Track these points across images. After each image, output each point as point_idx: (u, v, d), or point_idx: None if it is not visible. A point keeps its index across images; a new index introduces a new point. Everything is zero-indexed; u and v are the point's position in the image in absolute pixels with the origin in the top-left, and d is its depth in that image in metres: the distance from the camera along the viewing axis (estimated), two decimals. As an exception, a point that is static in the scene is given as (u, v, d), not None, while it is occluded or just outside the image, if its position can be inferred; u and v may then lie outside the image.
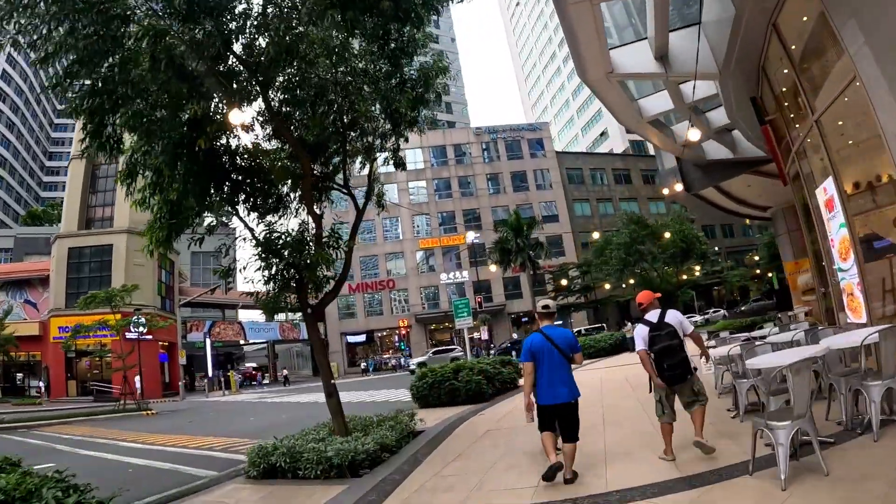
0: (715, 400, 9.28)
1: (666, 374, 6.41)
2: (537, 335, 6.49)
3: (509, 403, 13.66)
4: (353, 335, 60.96)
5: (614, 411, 10.55)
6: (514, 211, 45.44)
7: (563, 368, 6.32)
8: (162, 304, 47.61)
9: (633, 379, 14.06)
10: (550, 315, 6.72)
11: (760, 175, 19.65)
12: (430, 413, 13.52)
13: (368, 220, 61.88)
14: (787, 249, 26.44)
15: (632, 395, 12.19)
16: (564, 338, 6.50)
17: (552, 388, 6.25)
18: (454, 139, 67.09)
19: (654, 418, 6.94)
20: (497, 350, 39.29)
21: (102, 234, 46.36)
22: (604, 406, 11.26)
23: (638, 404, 10.65)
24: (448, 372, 14.77)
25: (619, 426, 9.15)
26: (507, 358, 18.24)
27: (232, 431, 17.03)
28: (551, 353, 6.31)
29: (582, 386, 6.84)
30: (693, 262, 38.88)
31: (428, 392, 14.80)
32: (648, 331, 6.55)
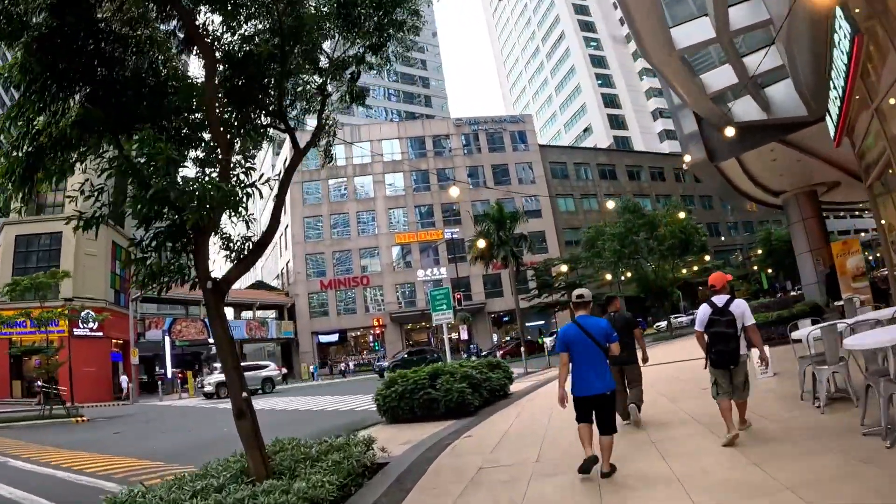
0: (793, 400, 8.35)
1: (713, 357, 6.64)
2: (572, 325, 6.24)
3: (502, 420, 10.67)
4: (326, 335, 57.49)
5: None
6: (497, 202, 42.47)
7: (598, 360, 6.11)
8: (115, 299, 43.62)
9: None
10: (585, 304, 6.43)
11: (790, 147, 17.06)
12: (400, 432, 10.44)
13: (342, 212, 58.89)
14: (801, 238, 24.54)
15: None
16: (599, 328, 6.17)
17: (586, 379, 6.08)
18: (433, 130, 64.10)
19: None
20: (393, 362, 36.61)
21: (53, 221, 42.45)
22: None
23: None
24: (423, 378, 11.64)
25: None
26: (494, 360, 15.01)
27: (149, 450, 13.69)
28: (586, 343, 6.08)
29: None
30: (692, 255, 36.18)
31: (397, 403, 11.67)
32: (710, 313, 6.68)
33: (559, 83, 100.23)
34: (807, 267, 24.12)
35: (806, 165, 20.53)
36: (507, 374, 14.34)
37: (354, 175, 60.51)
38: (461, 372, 11.97)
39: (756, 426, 6.95)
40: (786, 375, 10.46)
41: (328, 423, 15.00)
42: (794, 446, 6.00)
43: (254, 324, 55.19)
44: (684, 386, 11.59)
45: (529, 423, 9.78)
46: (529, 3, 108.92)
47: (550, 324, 57.43)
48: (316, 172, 59.72)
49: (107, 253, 40.41)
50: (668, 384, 12.02)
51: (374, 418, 13.03)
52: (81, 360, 34.11)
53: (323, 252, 57.78)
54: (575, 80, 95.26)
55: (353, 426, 13.29)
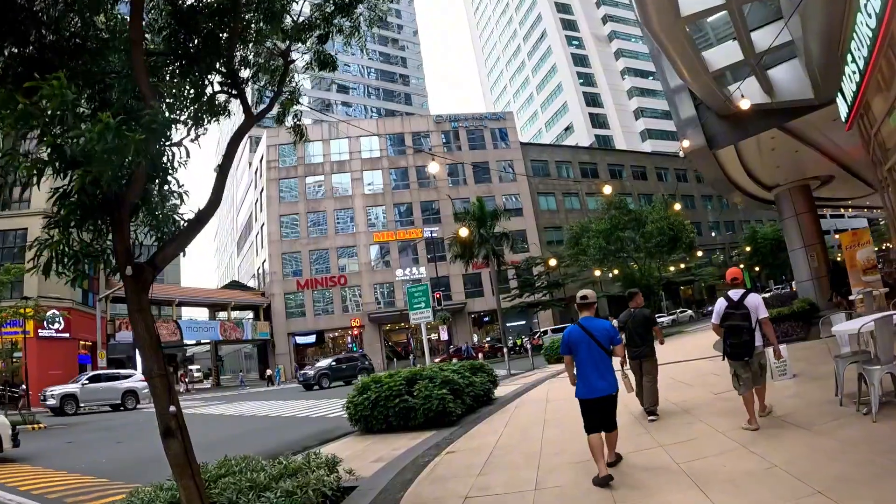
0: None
1: (728, 350, 6.93)
2: (575, 327, 6.21)
3: (490, 431, 9.45)
4: (302, 335, 55.93)
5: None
6: (478, 198, 41.22)
7: (601, 361, 6.02)
8: (84, 298, 41.68)
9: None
10: (589, 306, 6.34)
11: (791, 135, 16.07)
12: (372, 445, 9.23)
13: (319, 211, 57.39)
14: (794, 234, 23.28)
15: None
16: (603, 330, 6.10)
17: (590, 381, 6.02)
18: (413, 127, 62.85)
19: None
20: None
21: (17, 217, 40.46)
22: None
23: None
24: (398, 383, 10.40)
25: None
26: (477, 363, 13.75)
27: (97, 464, 12.23)
28: (589, 345, 6.02)
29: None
30: (679, 252, 35.29)
31: (370, 412, 10.40)
32: (726, 306, 6.96)
33: (540, 82, 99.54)
34: (800, 263, 23.23)
35: (803, 157, 19.65)
36: (491, 378, 13.18)
37: (332, 172, 59.03)
38: (441, 376, 10.75)
39: (806, 442, 6.05)
40: (806, 377, 9.42)
41: (296, 432, 13.73)
42: (860, 468, 4.87)
43: (228, 325, 53.44)
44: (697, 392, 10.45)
45: (521, 436, 8.60)
46: (511, 2, 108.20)
47: (532, 324, 56.55)
48: (293, 169, 58.34)
49: (75, 252, 38.46)
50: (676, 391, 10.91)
51: (347, 427, 11.79)
52: (46, 362, 32.46)
53: (299, 251, 56.24)
54: (556, 79, 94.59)
55: (323, 436, 12.05)
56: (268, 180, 57.78)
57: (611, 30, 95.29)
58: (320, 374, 32.67)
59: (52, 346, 34.45)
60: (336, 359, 36.28)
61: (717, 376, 11.20)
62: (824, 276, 23.01)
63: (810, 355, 11.37)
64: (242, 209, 78.54)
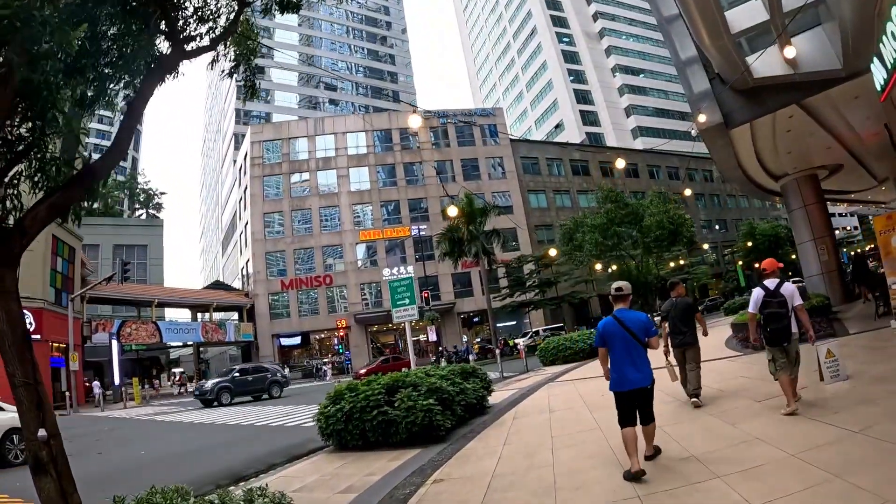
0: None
1: (767, 336, 7.17)
2: (610, 319, 6.07)
3: (485, 450, 7.83)
4: (287, 337, 54.19)
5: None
6: (466, 194, 39.72)
7: (636, 353, 5.85)
8: (56, 298, 39.75)
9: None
10: (624, 298, 6.17)
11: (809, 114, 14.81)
12: (344, 467, 7.71)
13: (304, 209, 55.75)
14: (802, 226, 22.49)
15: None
16: (638, 321, 5.94)
17: (624, 373, 5.84)
18: (400, 123, 61.10)
19: None
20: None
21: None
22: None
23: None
24: (377, 393, 8.83)
25: None
26: (469, 367, 12.12)
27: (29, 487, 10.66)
28: (624, 337, 5.88)
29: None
30: (679, 248, 33.93)
31: (344, 426, 8.85)
32: (763, 295, 7.20)
33: (530, 79, 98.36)
34: (809, 257, 22.11)
35: (815, 142, 18.54)
36: (485, 384, 11.66)
37: (318, 169, 57.35)
38: (427, 383, 9.20)
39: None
40: (864, 379, 8.00)
41: (264, 444, 12.18)
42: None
43: (210, 326, 51.60)
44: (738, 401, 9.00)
45: (526, 460, 6.97)
46: (501, 0, 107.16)
47: (522, 324, 55.19)
48: (277, 166, 56.73)
49: (46, 248, 36.78)
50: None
51: (320, 440, 10.26)
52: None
53: (284, 250, 54.54)
54: (546, 76, 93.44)
55: (292, 451, 10.50)
56: (251, 177, 56.05)
57: (602, 26, 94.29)
58: (219, 387, 27.79)
59: (20, 349, 32.66)
60: (241, 369, 30.44)
61: (747, 379, 9.78)
62: (834, 271, 21.95)
63: (854, 353, 10.02)
64: (227, 208, 76.80)
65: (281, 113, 77.74)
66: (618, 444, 6.22)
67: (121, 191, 78.23)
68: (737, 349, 14.19)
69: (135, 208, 79.39)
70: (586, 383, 13.40)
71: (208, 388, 28.08)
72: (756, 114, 14.07)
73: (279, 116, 75.64)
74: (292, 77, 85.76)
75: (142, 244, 60.75)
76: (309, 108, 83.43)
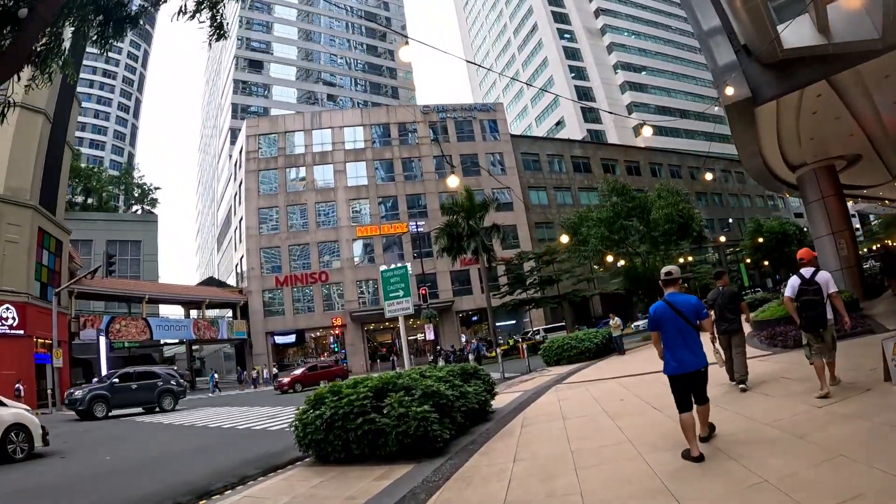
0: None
1: (805, 322, 7.40)
2: (661, 303, 6.09)
3: (491, 469, 6.48)
4: (282, 335, 52.85)
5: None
6: (466, 188, 38.44)
7: (688, 336, 5.88)
8: (42, 292, 38.38)
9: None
10: (674, 282, 6.25)
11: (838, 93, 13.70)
12: (323, 487, 6.47)
13: (300, 204, 54.53)
14: (819, 219, 21.32)
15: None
16: (689, 305, 5.98)
17: (679, 357, 5.86)
18: (399, 117, 59.99)
19: None
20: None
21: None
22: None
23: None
24: (363, 397, 7.55)
25: None
26: (469, 367, 10.82)
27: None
28: (675, 321, 5.90)
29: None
30: (688, 244, 32.71)
31: (324, 436, 7.57)
32: (800, 283, 7.49)
33: (531, 76, 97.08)
34: (827, 252, 20.93)
35: (839, 128, 17.50)
36: (487, 386, 10.37)
37: (314, 164, 56.09)
38: (422, 386, 7.91)
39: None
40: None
41: (241, 452, 10.93)
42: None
43: (203, 323, 50.33)
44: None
45: (544, 482, 5.60)
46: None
47: (522, 324, 53.97)
48: (273, 160, 55.56)
49: (31, 240, 35.53)
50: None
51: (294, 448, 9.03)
52: (-2, 361, 29.73)
53: (279, 246, 53.26)
54: (547, 73, 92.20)
55: (269, 461, 9.27)
56: (247, 172, 54.82)
57: (603, 23, 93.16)
58: (92, 396, 22.55)
59: (3, 344, 31.62)
60: (124, 374, 24.72)
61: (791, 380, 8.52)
62: (853, 266, 20.90)
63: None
64: (222, 204, 75.57)
65: (279, 108, 76.51)
66: (657, 463, 5.07)
67: (115, 186, 76.90)
68: (762, 348, 12.95)
69: (130, 204, 78.07)
70: (599, 386, 12.17)
71: (78, 398, 22.68)
72: (784, 89, 12.89)
73: (277, 112, 74.38)
74: (290, 72, 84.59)
75: (135, 240, 59.63)
76: (308, 103, 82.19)
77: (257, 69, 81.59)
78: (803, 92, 13.86)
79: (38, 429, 12.30)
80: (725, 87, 12.02)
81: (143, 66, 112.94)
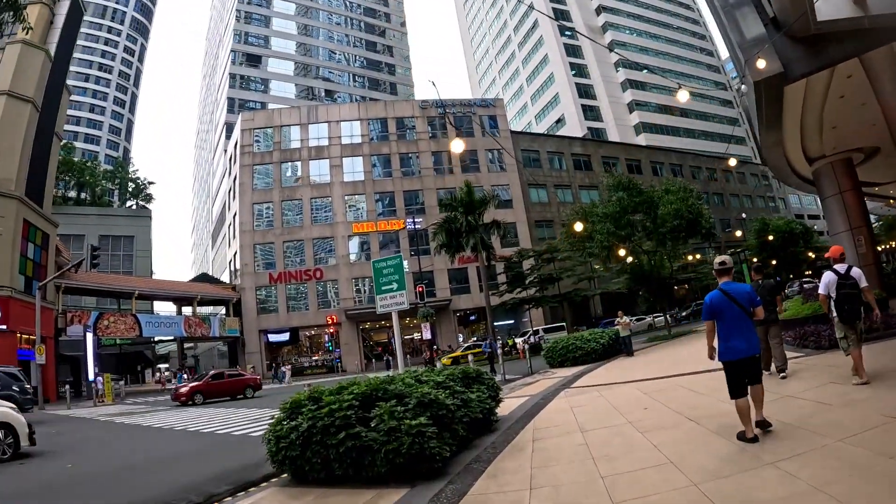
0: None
1: (844, 315, 7.62)
2: (716, 292, 6.25)
3: (503, 498, 5.26)
4: (275, 333, 51.57)
5: None
6: (466, 183, 37.30)
7: (744, 324, 6.07)
8: (26, 286, 37.07)
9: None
10: (728, 271, 6.42)
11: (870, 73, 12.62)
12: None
13: (295, 199, 53.35)
14: (837, 215, 20.38)
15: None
16: (744, 293, 6.17)
17: (734, 344, 6.03)
18: (397, 112, 58.79)
19: None
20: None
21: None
22: None
23: None
24: (346, 406, 6.31)
25: None
26: (471, 370, 9.42)
27: None
28: (731, 309, 6.07)
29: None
30: (696, 241, 31.54)
31: (300, 452, 6.35)
32: (836, 279, 7.73)
33: (531, 73, 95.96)
34: (844, 249, 19.79)
35: (863, 116, 16.55)
36: (492, 392, 9.13)
37: (310, 158, 54.86)
38: (418, 394, 6.66)
39: None
40: None
41: (214, 463, 9.76)
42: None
43: (194, 320, 49.06)
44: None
45: None
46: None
47: (521, 323, 52.78)
48: (268, 155, 54.35)
49: (16, 233, 34.36)
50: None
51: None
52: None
53: (273, 242, 52.01)
54: (548, 70, 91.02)
55: (242, 476, 8.11)
56: (241, 166, 53.57)
57: (605, 21, 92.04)
58: None
59: None
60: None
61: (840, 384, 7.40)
62: (872, 264, 19.89)
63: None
64: (217, 200, 74.36)
65: (277, 104, 75.27)
66: (721, 497, 3.93)
67: (110, 181, 75.64)
68: (792, 349, 11.78)
69: (125, 199, 76.83)
70: (614, 391, 10.97)
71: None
72: (816, 66, 11.81)
73: (275, 107, 73.28)
74: (288, 67, 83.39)
75: (128, 235, 58.53)
76: (306, 99, 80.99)
77: (255, 64, 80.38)
78: (833, 72, 12.82)
79: (24, 427, 12.04)
80: (757, 60, 10.90)
81: (140, 60, 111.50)
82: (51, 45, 38.46)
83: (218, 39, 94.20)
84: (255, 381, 30.51)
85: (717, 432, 6.27)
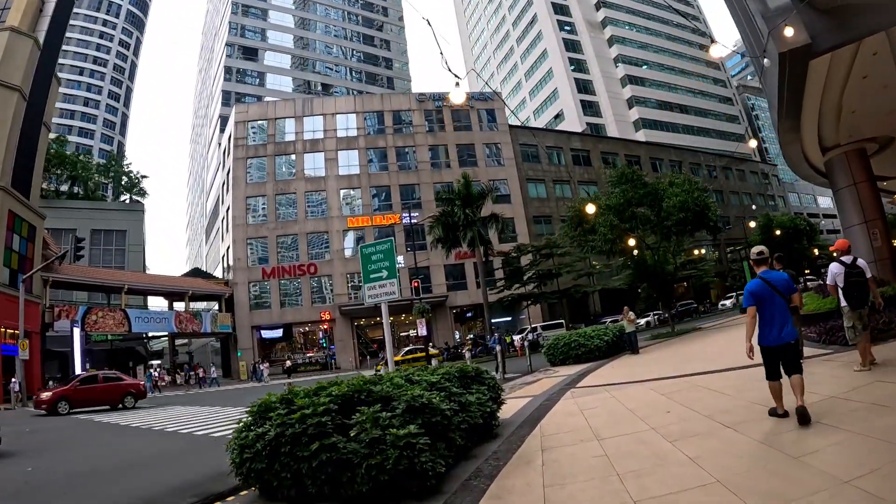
0: None
1: (853, 302, 7.98)
2: (756, 280, 6.41)
3: None
4: (269, 329, 50.55)
5: None
6: (464, 175, 36.36)
7: (782, 311, 6.22)
8: (11, 279, 35.89)
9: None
10: (765, 261, 6.63)
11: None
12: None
13: (289, 193, 52.32)
14: (850, 207, 19.68)
15: None
16: (783, 281, 6.38)
17: (774, 330, 6.19)
18: (393, 105, 57.74)
19: None
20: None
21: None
22: None
23: None
24: (322, 410, 5.27)
25: None
26: (470, 368, 8.43)
27: None
28: (772, 296, 6.24)
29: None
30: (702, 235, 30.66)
31: (267, 465, 5.31)
32: (845, 270, 8.04)
33: (529, 68, 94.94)
34: (858, 243, 18.92)
35: (882, 102, 15.80)
36: (493, 394, 8.14)
37: (304, 151, 53.78)
38: (407, 397, 5.64)
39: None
40: None
41: (179, 469, 8.79)
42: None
43: (185, 316, 47.90)
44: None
45: None
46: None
47: (518, 320, 51.84)
48: (262, 148, 53.33)
49: (0, 222, 33.42)
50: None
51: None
52: None
53: (266, 236, 50.95)
54: (547, 65, 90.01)
55: (206, 488, 7.13)
56: (235, 159, 52.48)
57: (604, 16, 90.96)
58: None
59: None
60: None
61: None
62: (887, 258, 19.07)
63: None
64: (211, 194, 73.26)
65: (273, 97, 74.15)
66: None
67: (103, 174, 74.44)
68: (817, 345, 10.85)
69: (119, 194, 75.65)
70: (626, 392, 9.98)
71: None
72: (843, 39, 10.99)
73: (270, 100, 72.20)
74: (285, 60, 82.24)
75: (121, 229, 57.40)
76: (302, 93, 79.89)
77: (251, 57, 79.20)
78: (859, 47, 11.96)
79: None
80: (784, 28, 10.00)
81: (136, 54, 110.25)
82: (40, 34, 37.41)
83: (214, 33, 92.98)
84: (138, 388, 25.99)
85: (766, 443, 5.27)
